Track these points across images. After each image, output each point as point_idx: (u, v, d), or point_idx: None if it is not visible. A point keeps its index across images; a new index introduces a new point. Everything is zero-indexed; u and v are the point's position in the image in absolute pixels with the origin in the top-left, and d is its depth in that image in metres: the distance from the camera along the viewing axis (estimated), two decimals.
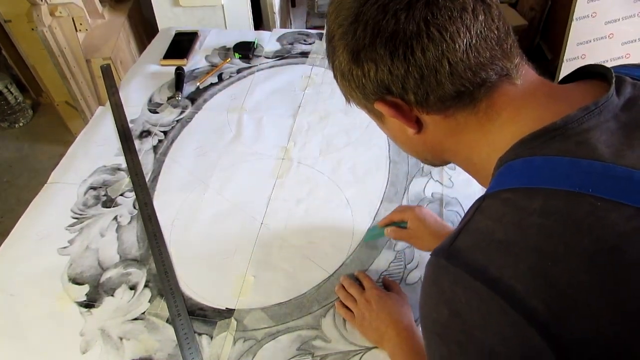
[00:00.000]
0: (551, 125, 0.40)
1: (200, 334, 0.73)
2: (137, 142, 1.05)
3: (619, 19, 1.72)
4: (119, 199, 0.93)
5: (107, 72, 1.27)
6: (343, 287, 0.76)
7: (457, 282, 0.39)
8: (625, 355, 0.33)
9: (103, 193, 0.94)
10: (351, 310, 0.73)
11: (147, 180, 0.97)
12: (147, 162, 1.01)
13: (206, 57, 1.30)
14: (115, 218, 0.90)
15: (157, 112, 1.13)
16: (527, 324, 0.34)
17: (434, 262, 0.42)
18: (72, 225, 0.89)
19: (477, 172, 0.51)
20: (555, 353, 0.33)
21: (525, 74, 0.45)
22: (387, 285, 0.78)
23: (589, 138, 0.39)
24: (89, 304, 0.77)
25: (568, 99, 0.43)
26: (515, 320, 0.35)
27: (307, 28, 1.85)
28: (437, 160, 0.55)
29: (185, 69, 1.25)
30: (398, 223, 0.79)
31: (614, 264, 0.34)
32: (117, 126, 1.09)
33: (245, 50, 1.29)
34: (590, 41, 1.80)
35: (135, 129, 1.09)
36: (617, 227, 0.35)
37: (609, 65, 0.45)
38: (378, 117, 0.53)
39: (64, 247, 0.85)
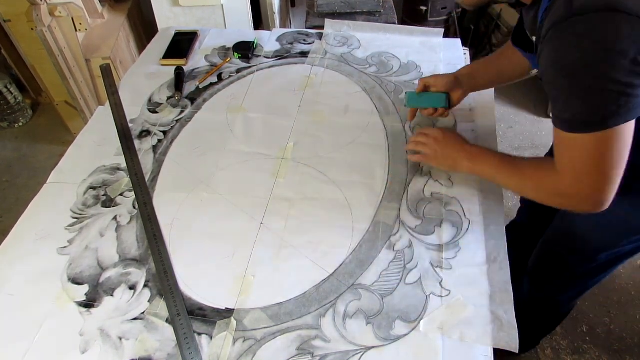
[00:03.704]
0: None
1: (199, 334, 0.73)
2: (136, 142, 1.05)
3: None
4: (119, 199, 0.93)
5: (106, 71, 1.27)
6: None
7: (589, 22, 0.56)
8: None
9: (103, 193, 0.94)
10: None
11: (146, 180, 0.97)
12: (146, 162, 1.01)
13: (206, 57, 1.30)
14: (115, 218, 0.90)
15: (157, 112, 1.13)
16: None
17: (563, 26, 0.59)
18: (71, 225, 0.89)
19: None
20: None
21: None
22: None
23: None
24: (89, 303, 0.77)
25: None
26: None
27: (306, 28, 1.85)
28: None
29: (185, 68, 1.25)
30: (431, 94, 0.97)
31: None
32: (116, 126, 1.09)
33: (245, 50, 1.29)
34: None
35: (134, 128, 1.09)
36: None
37: None
38: None
39: (64, 247, 0.85)
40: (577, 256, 0.98)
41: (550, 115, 0.67)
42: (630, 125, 0.61)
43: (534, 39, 0.74)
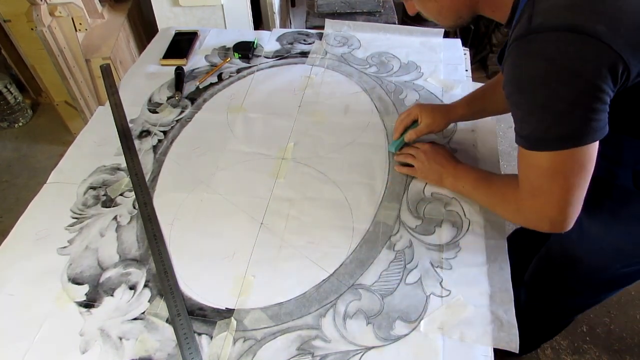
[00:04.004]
0: None
1: (200, 334, 0.73)
2: (136, 142, 1.05)
3: None
4: (119, 199, 0.93)
5: (106, 71, 1.27)
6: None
7: (546, 41, 0.55)
8: None
9: (103, 193, 0.94)
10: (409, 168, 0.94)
11: (146, 180, 0.97)
12: (146, 161, 1.01)
13: (206, 57, 1.30)
14: (115, 218, 0.90)
15: (157, 112, 1.13)
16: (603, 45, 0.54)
17: (521, 42, 0.58)
18: (71, 225, 0.89)
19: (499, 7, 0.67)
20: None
21: None
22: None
23: None
24: (89, 303, 0.77)
25: None
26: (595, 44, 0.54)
27: (306, 28, 1.85)
28: (469, 13, 0.70)
29: (185, 68, 1.25)
30: (411, 126, 0.96)
31: None
32: (116, 126, 1.09)
33: (245, 50, 1.29)
34: None
35: (134, 128, 1.09)
36: None
37: None
38: None
39: (64, 247, 0.85)
40: (574, 275, 0.97)
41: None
42: (590, 148, 0.59)
43: None
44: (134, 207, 0.92)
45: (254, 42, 1.31)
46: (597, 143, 0.60)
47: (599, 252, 0.86)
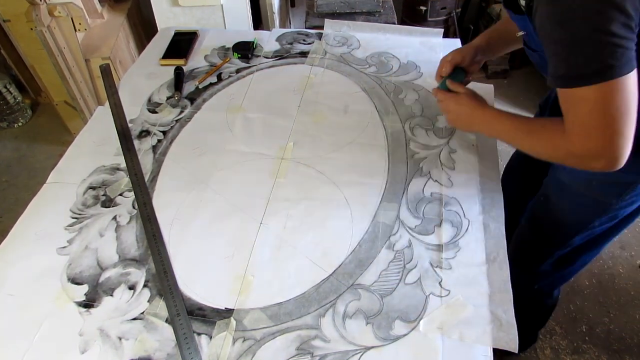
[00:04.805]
0: None
1: (199, 334, 0.73)
2: (136, 142, 1.05)
3: None
4: (118, 199, 0.93)
5: (106, 71, 1.27)
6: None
7: None
8: None
9: (102, 193, 0.94)
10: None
11: (146, 180, 0.97)
12: (146, 162, 1.01)
13: (205, 57, 1.30)
14: (115, 218, 0.90)
15: (156, 112, 1.13)
16: None
17: None
18: (71, 225, 0.89)
19: None
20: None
21: None
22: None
23: None
24: (88, 303, 0.77)
25: None
26: None
27: (306, 28, 1.85)
28: None
29: (185, 68, 1.25)
30: (454, 76, 0.96)
31: None
32: (116, 126, 1.09)
33: (245, 50, 1.29)
34: None
35: (134, 128, 1.09)
36: None
37: None
38: None
39: (63, 247, 0.85)
40: (551, 242, 1.01)
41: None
42: (631, 78, 0.61)
43: (521, 1, 0.75)
44: (134, 207, 0.92)
45: (253, 42, 1.31)
46: (635, 73, 0.61)
47: (580, 206, 0.91)
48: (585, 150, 0.68)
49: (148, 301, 0.77)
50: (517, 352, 0.69)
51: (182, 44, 1.33)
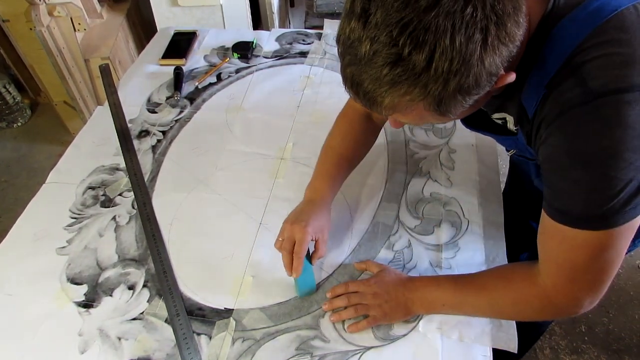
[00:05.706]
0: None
1: (199, 334, 0.73)
2: (135, 142, 1.05)
3: None
4: (118, 199, 0.93)
5: (105, 71, 1.27)
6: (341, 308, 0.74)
7: (621, 104, 0.48)
8: None
9: (102, 193, 0.94)
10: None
11: (145, 180, 0.97)
12: (145, 161, 1.01)
13: (205, 57, 1.30)
14: (114, 218, 0.90)
15: (156, 112, 1.13)
16: None
17: (584, 109, 0.49)
18: (70, 225, 0.89)
19: None
20: None
21: None
22: (365, 269, 0.80)
23: None
24: (88, 303, 0.77)
25: None
26: None
27: (305, 28, 1.85)
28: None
29: (184, 68, 1.25)
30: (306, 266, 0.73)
31: None
32: (115, 126, 1.09)
33: (244, 50, 1.28)
34: None
35: (134, 128, 1.09)
36: None
37: None
38: None
39: (63, 247, 0.85)
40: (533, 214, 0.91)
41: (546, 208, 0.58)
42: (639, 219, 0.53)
43: (497, 119, 0.67)
44: (133, 207, 0.91)
45: (253, 42, 1.31)
46: None
47: None
48: (567, 297, 0.59)
49: (147, 301, 0.77)
50: (516, 352, 0.69)
51: (181, 44, 1.33)
